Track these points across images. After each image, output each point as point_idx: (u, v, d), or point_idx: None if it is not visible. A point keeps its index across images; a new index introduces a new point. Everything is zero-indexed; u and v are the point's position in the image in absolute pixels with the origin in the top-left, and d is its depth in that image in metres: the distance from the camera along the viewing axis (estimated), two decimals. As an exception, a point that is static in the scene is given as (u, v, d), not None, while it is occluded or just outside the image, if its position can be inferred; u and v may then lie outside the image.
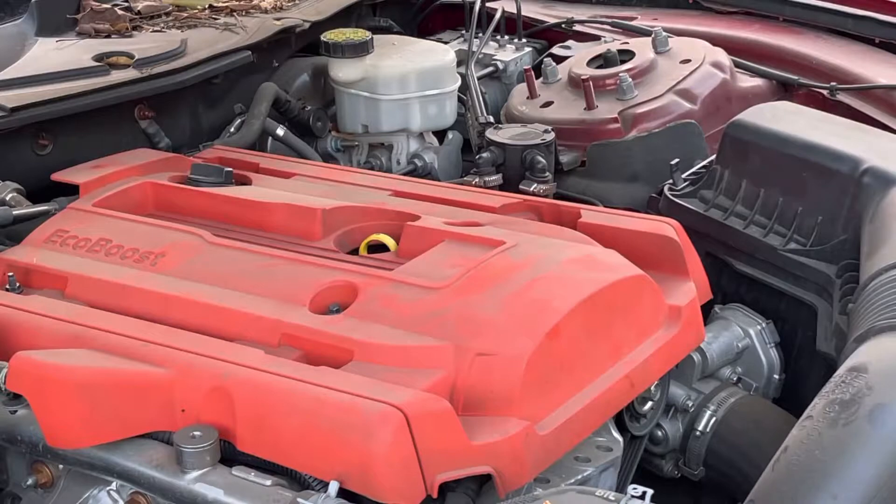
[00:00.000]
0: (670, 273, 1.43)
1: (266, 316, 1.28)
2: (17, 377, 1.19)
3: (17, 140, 1.75)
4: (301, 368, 1.18)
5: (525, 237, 1.39)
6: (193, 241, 1.44)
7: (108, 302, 1.36)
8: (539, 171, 1.86)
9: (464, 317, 1.24)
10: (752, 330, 1.58)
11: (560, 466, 1.24)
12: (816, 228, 1.57)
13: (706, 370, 1.53)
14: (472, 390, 1.19)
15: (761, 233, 1.62)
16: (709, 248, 1.66)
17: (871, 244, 1.44)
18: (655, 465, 1.54)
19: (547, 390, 1.22)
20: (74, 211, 1.55)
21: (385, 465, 1.07)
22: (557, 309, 1.25)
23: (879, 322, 1.25)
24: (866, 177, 1.53)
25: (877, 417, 1.10)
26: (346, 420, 1.10)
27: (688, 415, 1.51)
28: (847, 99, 2.00)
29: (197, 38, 2.02)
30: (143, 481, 1.15)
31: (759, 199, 1.64)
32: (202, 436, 1.13)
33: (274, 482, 1.11)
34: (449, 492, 1.14)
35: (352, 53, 2.00)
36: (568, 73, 2.03)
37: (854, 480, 1.06)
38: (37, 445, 1.20)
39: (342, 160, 2.08)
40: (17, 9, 2.07)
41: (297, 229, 1.49)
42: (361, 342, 1.22)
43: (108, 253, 1.45)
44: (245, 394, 1.15)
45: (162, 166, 1.69)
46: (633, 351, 1.33)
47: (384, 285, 1.31)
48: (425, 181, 1.69)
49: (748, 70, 2.11)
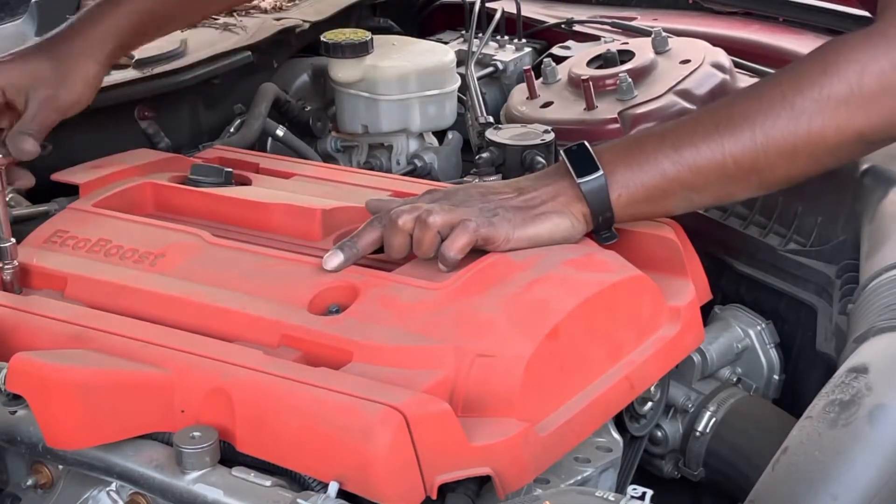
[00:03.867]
0: (670, 273, 1.43)
1: (265, 317, 1.28)
2: (17, 378, 1.18)
3: (17, 140, 1.75)
4: (300, 369, 1.18)
5: (525, 237, 1.39)
6: (193, 242, 1.44)
7: (108, 302, 1.36)
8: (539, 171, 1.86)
9: (463, 318, 1.24)
10: (752, 330, 1.58)
11: (560, 467, 1.24)
12: (816, 228, 1.57)
13: (706, 371, 1.53)
14: (471, 391, 1.19)
15: (761, 233, 1.62)
16: (709, 248, 1.65)
17: (871, 244, 1.44)
18: (655, 466, 1.54)
19: (547, 391, 1.22)
20: (74, 211, 1.55)
21: (384, 467, 1.07)
22: (557, 310, 1.25)
23: (879, 322, 1.25)
24: (866, 177, 1.53)
25: (877, 418, 1.10)
26: (345, 421, 1.10)
27: (687, 415, 1.51)
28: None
29: (197, 38, 2.02)
30: (142, 482, 1.15)
31: (758, 199, 1.64)
32: (202, 436, 1.13)
33: (273, 483, 1.11)
34: (448, 493, 1.14)
35: (352, 53, 2.00)
36: (568, 73, 2.03)
37: (854, 481, 1.06)
38: (36, 446, 1.19)
39: (342, 160, 2.08)
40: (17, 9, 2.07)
41: (297, 230, 1.49)
42: (361, 343, 1.22)
43: (108, 253, 1.45)
44: (244, 395, 1.15)
45: (162, 166, 1.69)
46: (633, 352, 1.33)
47: (384, 286, 1.31)
48: (425, 181, 1.69)
49: (748, 70, 2.10)
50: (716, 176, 1.33)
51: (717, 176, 1.33)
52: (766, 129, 1.31)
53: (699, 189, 1.35)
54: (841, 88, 1.30)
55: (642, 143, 1.37)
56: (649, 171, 1.34)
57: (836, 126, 1.31)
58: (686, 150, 1.33)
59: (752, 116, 1.32)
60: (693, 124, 1.36)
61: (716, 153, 1.32)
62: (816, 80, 1.31)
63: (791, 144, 1.31)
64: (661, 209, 1.41)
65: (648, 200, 1.36)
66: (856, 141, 1.33)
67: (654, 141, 1.36)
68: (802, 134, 1.30)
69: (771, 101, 1.32)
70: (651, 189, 1.35)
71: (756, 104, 1.33)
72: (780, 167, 1.34)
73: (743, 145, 1.31)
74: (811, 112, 1.30)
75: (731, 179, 1.34)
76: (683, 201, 1.38)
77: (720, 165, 1.32)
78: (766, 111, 1.31)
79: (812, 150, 1.32)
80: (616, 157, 1.36)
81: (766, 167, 1.33)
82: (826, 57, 1.33)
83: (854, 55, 1.31)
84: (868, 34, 1.33)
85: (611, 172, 1.35)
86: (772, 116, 1.31)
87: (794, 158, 1.33)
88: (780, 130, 1.31)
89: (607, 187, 1.34)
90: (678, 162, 1.33)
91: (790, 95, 1.31)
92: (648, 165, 1.34)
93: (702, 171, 1.33)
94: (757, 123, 1.31)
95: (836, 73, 1.30)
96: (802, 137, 1.31)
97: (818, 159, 1.34)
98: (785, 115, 1.31)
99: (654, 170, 1.34)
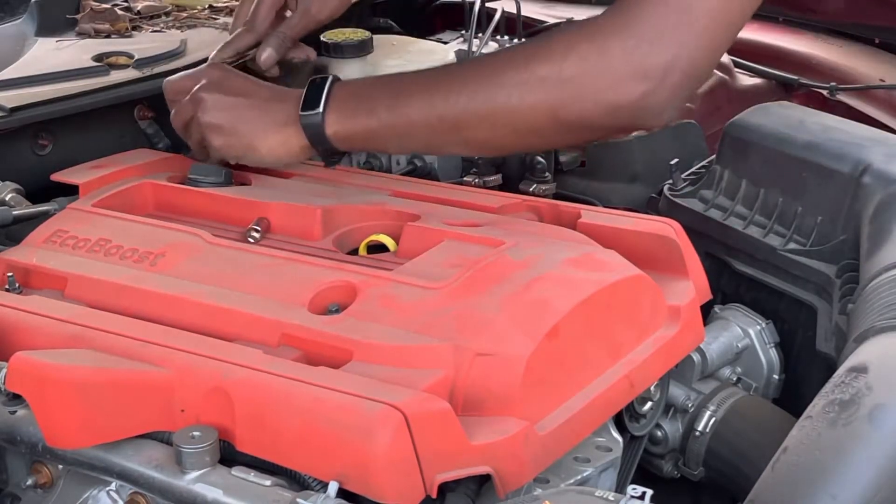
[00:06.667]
0: (670, 273, 1.43)
1: (265, 316, 1.28)
2: (17, 377, 1.19)
3: (17, 140, 1.75)
4: (300, 369, 1.18)
5: (525, 237, 1.39)
6: (193, 242, 1.44)
7: (108, 302, 1.36)
8: (539, 171, 1.86)
9: (463, 317, 1.24)
10: (752, 330, 1.58)
11: (560, 466, 1.24)
12: (816, 228, 1.57)
13: (706, 370, 1.53)
14: (471, 390, 1.19)
15: (761, 233, 1.62)
16: (709, 248, 1.66)
17: (871, 244, 1.44)
18: (655, 466, 1.54)
19: (546, 390, 1.22)
20: (74, 211, 1.55)
21: (384, 466, 1.07)
22: (557, 309, 1.25)
23: (879, 322, 1.25)
24: (866, 177, 1.53)
25: (876, 417, 1.10)
26: (345, 420, 1.10)
27: (687, 415, 1.51)
28: (847, 99, 2.00)
29: (197, 38, 2.02)
30: (142, 481, 1.15)
31: (758, 199, 1.64)
32: (201, 436, 1.13)
33: (273, 482, 1.11)
34: (448, 492, 1.14)
35: (352, 53, 2.00)
36: (568, 73, 2.02)
37: (854, 481, 1.06)
38: (36, 446, 1.19)
39: (342, 160, 2.07)
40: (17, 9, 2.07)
41: (297, 229, 1.49)
42: (361, 342, 1.22)
43: (108, 253, 1.45)
44: (244, 394, 1.15)
45: (162, 166, 1.69)
46: (633, 351, 1.33)
47: (384, 285, 1.31)
48: (425, 181, 1.69)
49: (748, 70, 2.11)
50: (423, 129, 1.46)
51: (424, 129, 1.46)
52: (471, 94, 1.42)
53: (409, 137, 1.49)
54: (544, 68, 1.39)
55: (371, 88, 1.54)
56: (366, 116, 1.49)
57: (532, 102, 1.39)
58: (402, 101, 1.47)
59: (465, 80, 1.44)
60: (417, 78, 1.52)
61: (424, 109, 1.45)
62: (530, 57, 1.41)
63: (489, 112, 1.42)
64: (376, 147, 1.68)
65: (364, 139, 1.53)
66: (550, 118, 1.40)
67: (380, 87, 1.52)
68: (500, 104, 1.41)
69: (485, 71, 1.44)
70: (365, 131, 1.50)
71: (473, 72, 1.45)
72: (481, 131, 1.45)
73: (448, 105, 1.43)
74: (512, 85, 1.40)
75: (437, 133, 1.47)
76: (395, 145, 1.56)
77: (427, 120, 1.45)
78: (478, 79, 1.43)
79: (509, 121, 1.42)
80: (345, 95, 1.51)
81: (466, 128, 1.45)
82: (549, 38, 1.44)
83: (567, 38, 1.41)
84: (589, 21, 1.42)
85: (332, 106, 1.50)
86: (482, 84, 1.42)
87: (493, 126, 1.43)
88: (482, 97, 1.42)
89: (323, 125, 1.50)
90: (393, 111, 1.47)
91: (503, 68, 1.42)
92: (367, 110, 1.49)
93: (413, 122, 1.46)
94: (466, 88, 1.43)
95: (546, 53, 1.40)
96: (500, 108, 1.41)
97: (519, 132, 1.44)
98: (492, 84, 1.41)
99: (371, 116, 1.49)
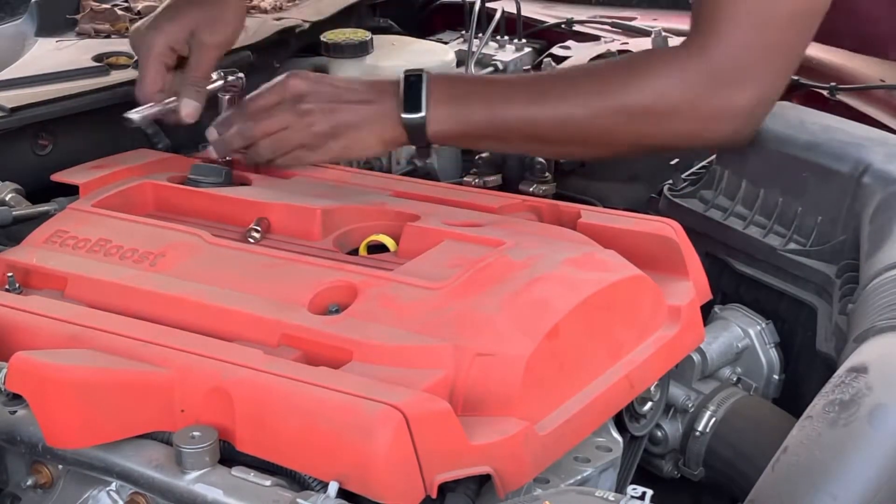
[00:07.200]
0: (670, 273, 1.43)
1: (265, 316, 1.28)
2: (17, 377, 1.19)
3: (17, 140, 1.75)
4: (300, 369, 1.18)
5: (525, 237, 1.39)
6: (193, 242, 1.44)
7: (108, 302, 1.36)
8: (539, 171, 1.86)
9: (463, 317, 1.24)
10: (752, 330, 1.58)
11: (560, 467, 1.24)
12: (816, 228, 1.57)
13: (706, 370, 1.53)
14: (471, 390, 1.19)
15: (761, 233, 1.62)
16: (709, 248, 1.66)
17: (871, 244, 1.44)
18: (655, 466, 1.54)
19: (546, 390, 1.22)
20: (74, 211, 1.55)
21: (384, 466, 1.07)
22: (557, 309, 1.25)
23: (879, 322, 1.25)
24: (866, 177, 1.53)
25: (876, 418, 1.10)
26: (345, 420, 1.10)
27: (687, 415, 1.51)
28: (847, 99, 2.00)
29: (196, 38, 2.01)
30: (142, 482, 1.15)
31: (758, 200, 1.64)
32: (202, 436, 1.13)
33: (273, 483, 1.11)
34: (448, 492, 1.14)
35: (352, 53, 2.00)
36: (568, 73, 2.03)
37: (854, 481, 1.06)
38: (36, 446, 1.19)
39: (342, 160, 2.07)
40: (17, 9, 2.07)
41: (297, 230, 1.49)
42: (361, 342, 1.22)
43: (108, 253, 1.45)
44: (244, 394, 1.15)
45: (162, 166, 1.69)
46: (633, 351, 1.33)
47: (384, 286, 1.31)
48: (425, 181, 1.69)
49: (747, 69, 2.10)
50: (519, 135, 1.57)
51: (521, 135, 1.57)
52: (568, 113, 1.53)
53: (505, 141, 1.61)
54: (637, 101, 1.52)
55: (471, 90, 1.60)
56: (467, 118, 1.56)
57: (623, 130, 1.54)
58: (500, 108, 1.56)
59: (563, 98, 1.54)
60: (518, 86, 1.60)
61: (523, 118, 1.55)
62: (619, 89, 1.52)
63: (583, 137, 1.56)
64: (471, 146, 1.79)
65: (461, 139, 1.62)
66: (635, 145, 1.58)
67: (480, 90, 1.59)
68: (595, 131, 1.55)
69: (577, 94, 1.55)
70: (464, 133, 1.58)
71: (570, 91, 1.56)
72: (574, 147, 1.61)
73: (546, 119, 1.54)
74: (605, 116, 1.53)
75: (532, 141, 1.59)
76: (491, 146, 1.72)
77: (524, 128, 1.55)
78: (573, 99, 1.54)
79: (600, 141, 1.57)
80: (444, 96, 1.57)
81: (558, 143, 1.58)
82: (633, 68, 1.56)
83: (656, 71, 1.53)
84: (675, 53, 1.56)
85: (434, 108, 1.56)
86: (576, 107, 1.53)
87: (585, 145, 1.58)
88: (577, 121, 1.53)
89: (426, 126, 1.56)
90: (492, 116, 1.55)
91: (593, 98, 1.54)
92: (468, 112, 1.56)
93: (511, 129, 1.56)
94: (562, 107, 1.54)
95: (637, 87, 1.52)
96: (595, 133, 1.55)
97: (603, 149, 1.61)
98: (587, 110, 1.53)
99: (471, 118, 1.56)
